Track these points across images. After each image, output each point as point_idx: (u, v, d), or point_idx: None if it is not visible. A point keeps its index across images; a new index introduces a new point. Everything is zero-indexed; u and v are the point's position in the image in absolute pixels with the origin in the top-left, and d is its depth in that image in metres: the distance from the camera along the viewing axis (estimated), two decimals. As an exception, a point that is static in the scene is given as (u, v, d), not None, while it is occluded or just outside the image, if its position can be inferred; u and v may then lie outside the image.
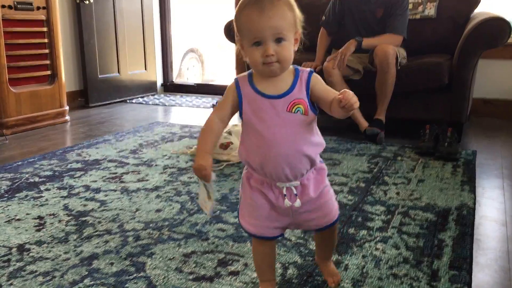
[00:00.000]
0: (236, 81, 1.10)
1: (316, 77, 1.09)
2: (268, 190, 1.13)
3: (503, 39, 2.66)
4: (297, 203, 1.11)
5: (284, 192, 1.11)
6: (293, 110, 1.06)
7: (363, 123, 2.87)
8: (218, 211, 1.78)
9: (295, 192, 1.12)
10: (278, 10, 1.01)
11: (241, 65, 4.05)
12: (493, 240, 1.62)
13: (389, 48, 2.76)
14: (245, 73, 1.10)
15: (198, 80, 5.90)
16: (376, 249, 1.50)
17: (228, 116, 1.11)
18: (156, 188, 2.04)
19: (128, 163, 2.40)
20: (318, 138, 1.12)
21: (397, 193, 1.99)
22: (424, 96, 2.88)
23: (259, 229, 1.16)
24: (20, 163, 2.40)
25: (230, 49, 4.06)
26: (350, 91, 1.01)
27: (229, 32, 3.19)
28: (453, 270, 1.37)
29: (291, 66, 1.08)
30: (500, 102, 3.60)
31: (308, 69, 1.10)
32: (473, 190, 2.03)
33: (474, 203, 1.89)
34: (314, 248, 1.46)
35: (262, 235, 1.17)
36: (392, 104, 2.85)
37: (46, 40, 3.28)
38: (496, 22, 2.66)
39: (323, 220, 1.18)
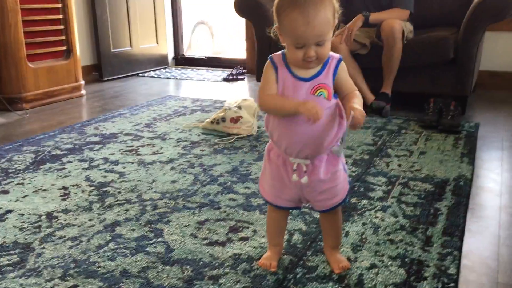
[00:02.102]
0: (272, 61, 1.16)
1: (343, 65, 1.16)
2: (282, 163, 1.22)
3: (509, 12, 2.70)
4: (304, 179, 1.19)
5: (294, 167, 1.19)
6: (317, 93, 1.13)
7: (370, 97, 2.95)
8: (229, 182, 1.90)
9: (304, 169, 1.19)
10: (322, 17, 1.06)
11: (250, 39, 4.12)
12: (487, 209, 1.72)
13: (396, 22, 2.81)
14: (279, 53, 1.16)
15: (208, 53, 5.97)
16: (376, 217, 1.61)
17: (275, 91, 1.16)
18: (171, 161, 2.16)
19: (143, 137, 2.52)
20: (337, 124, 1.17)
21: (399, 165, 2.09)
22: (430, 69, 2.94)
23: (273, 198, 1.27)
24: (41, 136, 2.54)
25: (240, 22, 4.12)
26: (362, 111, 1.10)
27: (241, 7, 3.25)
28: (445, 236, 1.49)
29: None
30: (507, 74, 3.65)
31: (338, 56, 1.16)
32: (472, 162, 2.13)
33: (472, 174, 1.99)
34: (318, 216, 1.58)
35: (276, 203, 1.28)
36: (398, 78, 2.92)
37: (61, 16, 3.37)
38: (502, -4, 2.69)
39: (329, 202, 1.25)
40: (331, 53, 1.15)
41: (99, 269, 1.32)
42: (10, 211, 1.67)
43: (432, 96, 2.82)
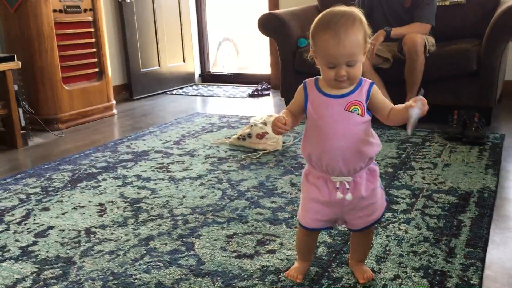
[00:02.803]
0: (304, 85, 1.26)
1: (376, 88, 1.23)
2: (323, 184, 1.26)
3: (531, 23, 2.71)
4: (349, 196, 1.24)
5: (337, 185, 1.24)
6: (351, 109, 1.19)
7: (393, 110, 2.98)
8: (256, 197, 1.98)
9: (347, 186, 1.24)
10: (353, 39, 1.13)
11: (274, 54, 4.21)
12: (511, 220, 1.74)
13: (417, 36, 2.85)
14: (312, 78, 1.26)
15: (234, 69, 6.09)
16: (399, 229, 1.66)
17: (297, 112, 1.27)
18: (200, 177, 2.25)
19: (173, 154, 2.63)
20: (373, 139, 1.24)
21: (423, 178, 2.12)
22: (453, 82, 2.96)
23: (308, 220, 1.31)
24: (77, 155, 2.67)
25: (264, 38, 4.22)
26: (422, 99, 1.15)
27: (264, 26, 3.35)
28: (468, 247, 1.52)
29: None
30: (533, 83, 3.62)
31: (370, 81, 1.23)
32: (496, 173, 2.14)
33: (496, 186, 2.01)
34: (342, 228, 1.63)
35: (309, 226, 1.31)
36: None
37: (93, 40, 3.54)
38: (524, 8, 2.71)
39: (368, 219, 1.29)
40: (364, 78, 1.23)
41: (136, 281, 1.41)
42: (51, 227, 1.78)
43: (456, 108, 2.84)
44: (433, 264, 1.43)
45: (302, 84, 1.27)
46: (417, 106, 1.14)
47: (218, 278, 1.40)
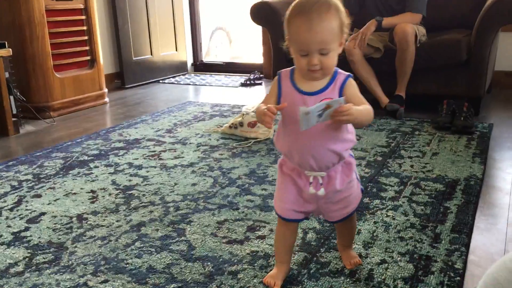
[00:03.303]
0: (279, 77, 1.21)
1: (351, 82, 1.17)
2: (297, 176, 1.23)
3: (521, 14, 2.74)
4: (321, 191, 1.21)
5: (311, 180, 1.21)
6: None
7: (384, 99, 3.01)
8: (247, 184, 2.00)
9: (320, 181, 1.21)
10: (326, 25, 1.08)
11: (267, 44, 4.22)
12: (496, 207, 1.78)
13: (408, 26, 2.87)
14: (288, 69, 1.21)
15: (226, 58, 6.08)
16: (387, 216, 1.69)
17: (273, 104, 1.18)
18: (191, 165, 2.27)
19: (165, 142, 2.64)
20: (347, 135, 1.20)
21: (411, 166, 2.16)
22: (443, 72, 2.99)
23: (284, 211, 1.27)
24: (69, 143, 2.67)
25: (257, 27, 4.22)
26: (352, 112, 1.07)
27: (256, 15, 3.35)
28: (454, 233, 1.55)
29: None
30: (522, 74, 3.66)
31: (346, 73, 1.18)
32: (484, 162, 2.18)
33: (483, 174, 2.05)
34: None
35: (286, 216, 1.27)
36: (412, 80, 2.98)
37: (85, 28, 3.52)
38: (514, -2, 2.74)
39: (343, 211, 1.27)
40: (340, 70, 1.18)
41: (127, 265, 1.43)
42: (43, 214, 1.80)
43: (446, 97, 2.87)
44: (419, 249, 1.47)
45: (276, 76, 1.22)
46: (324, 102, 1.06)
47: (209, 263, 1.43)
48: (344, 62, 2.83)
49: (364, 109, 1.15)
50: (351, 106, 1.08)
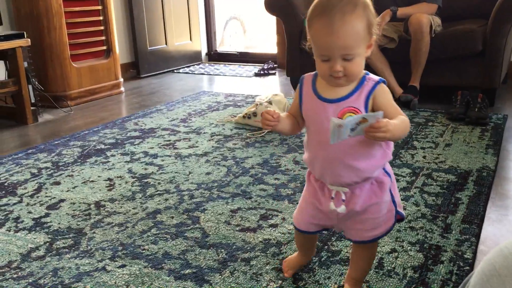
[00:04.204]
0: (301, 82, 1.11)
1: (381, 88, 1.02)
2: (320, 188, 1.12)
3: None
4: (342, 209, 1.08)
5: (333, 195, 1.09)
6: (344, 117, 1.00)
7: (398, 90, 3.01)
8: (260, 174, 2.03)
9: (343, 197, 1.08)
10: (349, 28, 0.95)
11: (281, 34, 4.22)
12: (508, 198, 1.79)
13: (423, 17, 2.86)
14: (312, 73, 1.09)
15: (240, 48, 6.10)
16: (398, 199, 1.70)
17: (296, 114, 1.12)
18: (205, 154, 2.31)
19: (179, 131, 2.68)
20: (377, 149, 1.05)
21: (424, 157, 2.17)
22: (458, 62, 2.97)
23: (300, 223, 1.20)
24: (86, 132, 2.73)
25: (271, 17, 4.22)
26: (388, 127, 0.94)
27: (270, 5, 3.35)
28: (464, 224, 1.57)
29: (361, 72, 1.04)
30: (539, 65, 3.61)
31: (378, 78, 1.03)
32: (497, 153, 2.18)
33: (496, 165, 2.05)
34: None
35: (301, 228, 1.20)
36: (426, 71, 2.97)
37: (101, 18, 3.57)
38: (531, -12, 2.70)
39: (367, 234, 1.12)
40: (371, 75, 1.04)
41: (144, 251, 1.48)
42: (62, 200, 1.85)
43: (460, 88, 2.86)
44: (429, 239, 1.49)
45: (300, 80, 1.12)
46: (360, 116, 0.94)
47: (222, 250, 1.47)
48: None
49: (401, 122, 1.00)
50: (388, 122, 0.94)
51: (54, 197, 1.88)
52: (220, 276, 1.33)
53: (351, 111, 1.01)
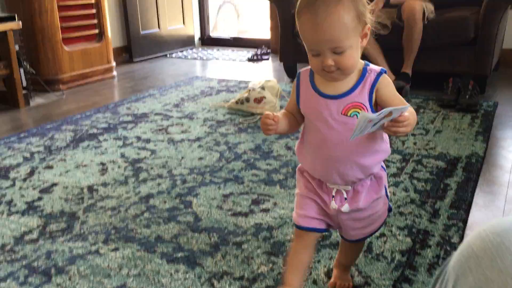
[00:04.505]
0: (298, 77, 1.04)
1: (384, 79, 0.97)
2: (318, 187, 1.06)
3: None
4: (345, 207, 1.04)
5: (333, 193, 1.04)
6: (349, 113, 0.96)
7: (390, 76, 3.02)
8: (252, 159, 2.05)
9: (345, 196, 1.04)
10: (334, 19, 0.89)
11: (274, 19, 4.20)
12: (495, 185, 1.82)
13: (416, 3, 2.86)
14: (308, 67, 1.02)
15: (234, 32, 6.06)
16: (388, 192, 1.73)
17: (294, 111, 1.06)
18: (198, 139, 2.32)
19: (172, 116, 2.68)
20: (380, 145, 1.02)
21: (414, 143, 2.19)
22: (450, 49, 2.98)
23: (303, 218, 1.07)
24: (78, 116, 2.72)
25: (264, 1, 4.20)
26: (411, 116, 0.91)
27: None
28: (452, 209, 1.60)
29: (360, 63, 0.98)
30: (530, 52, 3.64)
31: (379, 69, 0.98)
32: (486, 140, 2.21)
33: (485, 152, 2.08)
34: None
35: (307, 225, 1.07)
36: (419, 57, 2.98)
37: (93, 1, 3.53)
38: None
39: (364, 230, 1.11)
40: (372, 66, 0.99)
41: (136, 235, 1.49)
42: (55, 184, 1.86)
43: (452, 75, 2.88)
44: (418, 224, 1.52)
45: (296, 75, 1.06)
46: (388, 109, 0.87)
47: (214, 234, 1.49)
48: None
49: (412, 114, 0.94)
50: (409, 116, 0.90)
51: (47, 181, 1.89)
52: (212, 260, 1.36)
53: (356, 107, 0.96)
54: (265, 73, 3.83)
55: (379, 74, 0.96)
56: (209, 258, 1.36)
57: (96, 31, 3.61)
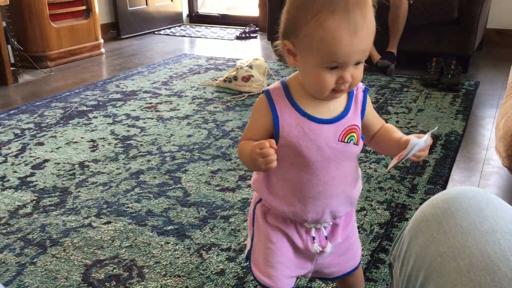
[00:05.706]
0: (269, 96, 0.82)
1: (368, 97, 0.86)
2: (292, 230, 0.88)
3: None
4: (328, 248, 0.88)
5: (313, 234, 0.87)
6: (346, 139, 0.82)
7: (376, 56, 3.08)
8: (239, 137, 2.11)
9: (325, 234, 0.88)
10: (370, 25, 0.73)
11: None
12: (472, 161, 1.91)
13: (402, -17, 2.90)
14: (278, 85, 0.83)
15: (222, 9, 6.04)
16: (370, 168, 1.81)
17: (265, 139, 0.79)
18: (187, 117, 2.36)
19: (161, 94, 2.72)
20: (359, 171, 0.91)
21: (397, 122, 2.26)
22: (434, 29, 3.04)
23: (275, 281, 0.89)
24: (67, 93, 2.75)
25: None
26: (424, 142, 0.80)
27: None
28: (430, 184, 1.68)
29: None
30: (513, 32, 3.71)
31: (363, 86, 0.85)
32: (466, 119, 2.29)
33: (464, 130, 2.16)
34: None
35: (280, 286, 0.90)
36: (404, 37, 3.04)
37: (80, -23, 3.51)
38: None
39: (348, 264, 0.95)
40: None
41: (128, 209, 1.55)
42: (47, 161, 1.90)
43: (436, 55, 2.94)
44: (396, 198, 1.60)
45: (263, 96, 0.83)
46: (423, 140, 0.79)
47: (203, 208, 1.55)
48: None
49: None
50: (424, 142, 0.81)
51: (39, 157, 1.93)
52: (200, 232, 1.42)
53: (353, 130, 0.82)
54: (253, 52, 3.86)
55: (365, 91, 0.85)
56: (198, 231, 1.43)
57: (84, 7, 3.59)
